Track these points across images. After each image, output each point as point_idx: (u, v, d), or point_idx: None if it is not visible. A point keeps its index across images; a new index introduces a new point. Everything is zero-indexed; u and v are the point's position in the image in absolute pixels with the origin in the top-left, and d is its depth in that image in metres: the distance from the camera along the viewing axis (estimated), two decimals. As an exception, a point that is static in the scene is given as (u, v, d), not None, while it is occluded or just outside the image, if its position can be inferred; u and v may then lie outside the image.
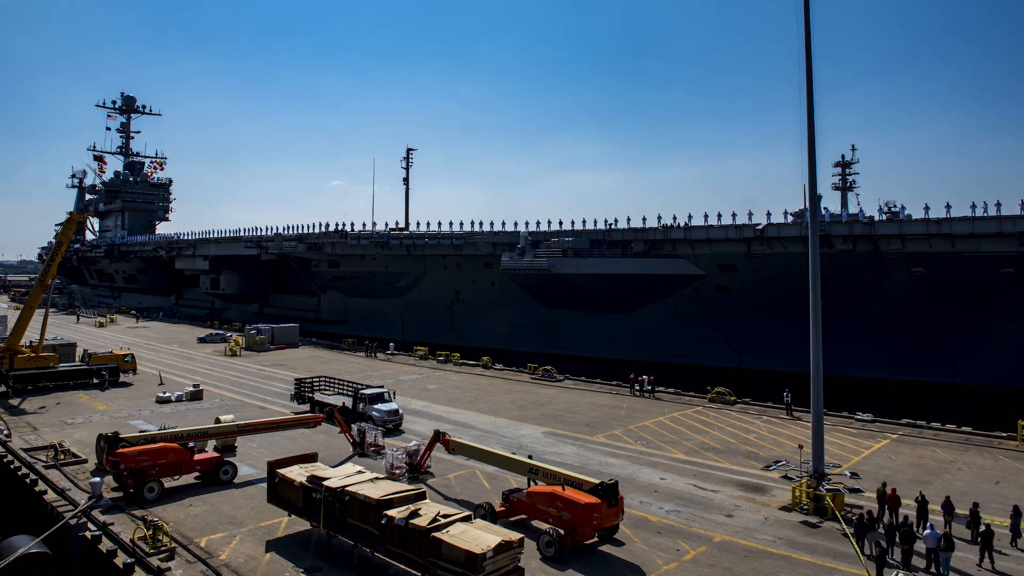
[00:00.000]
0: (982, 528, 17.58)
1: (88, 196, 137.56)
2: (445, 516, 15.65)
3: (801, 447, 24.66)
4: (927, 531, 17.03)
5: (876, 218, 59.65)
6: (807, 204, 23.82)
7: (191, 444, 23.75)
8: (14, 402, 36.46)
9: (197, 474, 23.37)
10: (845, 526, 18.98)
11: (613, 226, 53.74)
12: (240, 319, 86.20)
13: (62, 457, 25.27)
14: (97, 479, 21.49)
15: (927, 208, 41.41)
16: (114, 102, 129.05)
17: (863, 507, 20.61)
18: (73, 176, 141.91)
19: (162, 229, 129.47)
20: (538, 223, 58.05)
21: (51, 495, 21.57)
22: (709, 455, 27.12)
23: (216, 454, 24.63)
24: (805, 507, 20.74)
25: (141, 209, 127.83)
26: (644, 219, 51.89)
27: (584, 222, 55.70)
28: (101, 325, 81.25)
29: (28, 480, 22.90)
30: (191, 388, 38.41)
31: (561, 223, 57.14)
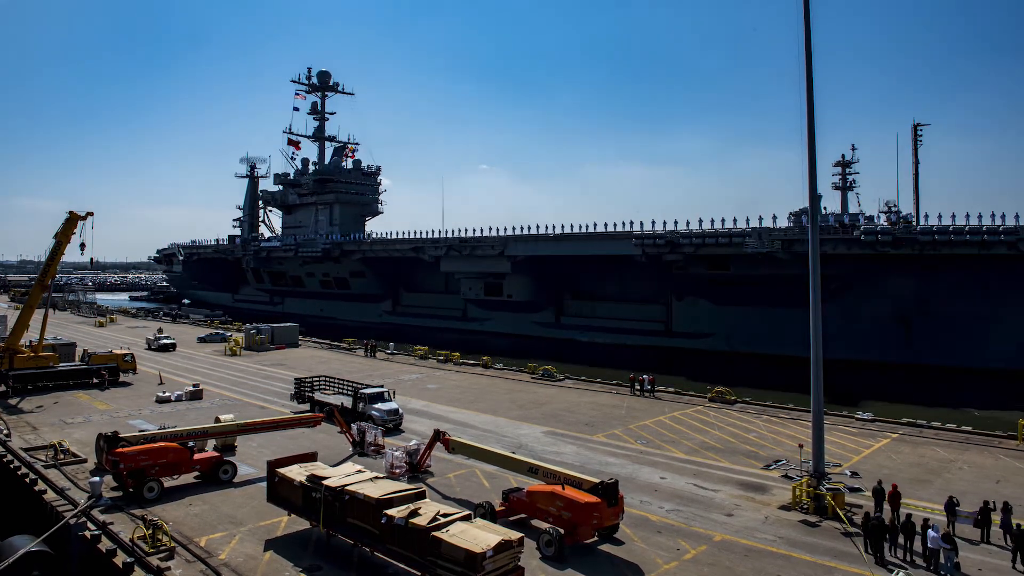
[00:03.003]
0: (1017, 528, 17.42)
1: (269, 187, 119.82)
2: (445, 515, 15.63)
3: (801, 446, 24.63)
4: (929, 531, 16.97)
5: (876, 218, 59.72)
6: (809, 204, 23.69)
7: (191, 443, 23.72)
8: (13, 401, 36.43)
9: (197, 474, 23.32)
10: (849, 526, 18.96)
11: None
12: (522, 331, 73.79)
13: (62, 457, 25.24)
14: (97, 479, 21.47)
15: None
16: (309, 78, 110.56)
17: (863, 506, 20.63)
18: (252, 168, 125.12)
19: (370, 226, 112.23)
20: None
21: (51, 495, 21.53)
22: (709, 454, 27.09)
23: (216, 453, 24.61)
24: (805, 506, 20.71)
25: (353, 202, 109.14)
26: None
27: None
28: (101, 325, 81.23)
29: (28, 480, 22.87)
30: (191, 388, 38.39)
31: None
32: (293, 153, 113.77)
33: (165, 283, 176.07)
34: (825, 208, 72.45)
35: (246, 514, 20.32)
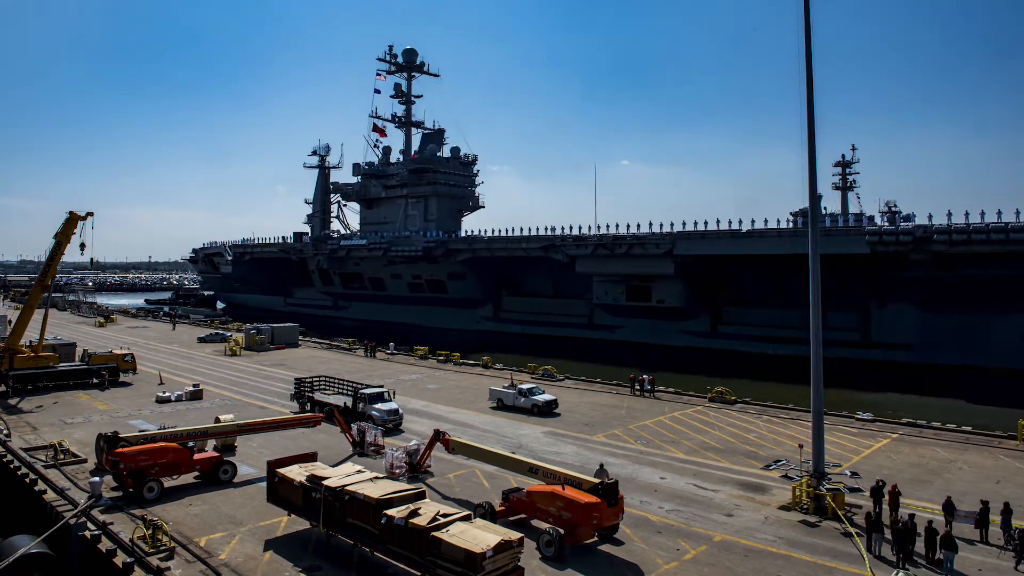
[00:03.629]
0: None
1: (340, 179, 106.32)
2: (445, 515, 15.63)
3: (801, 446, 24.63)
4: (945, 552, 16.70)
5: (876, 218, 59.77)
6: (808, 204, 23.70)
7: (191, 444, 23.73)
8: (13, 402, 36.42)
9: (197, 474, 23.33)
10: (849, 526, 18.96)
11: None
12: (666, 340, 64.31)
13: (62, 457, 25.23)
14: (97, 479, 21.47)
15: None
16: (394, 56, 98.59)
17: (863, 506, 20.62)
18: (323, 158, 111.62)
19: (466, 223, 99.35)
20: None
21: (51, 495, 21.53)
22: (709, 455, 27.09)
23: (216, 454, 24.61)
24: (805, 506, 20.72)
25: (451, 194, 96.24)
26: None
27: None
28: (101, 325, 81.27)
29: (28, 480, 22.87)
30: (191, 388, 38.39)
31: None
32: (377, 140, 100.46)
33: (195, 284, 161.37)
34: (825, 208, 72.56)
35: (246, 514, 20.31)
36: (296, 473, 19.11)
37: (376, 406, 31.42)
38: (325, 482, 17.79)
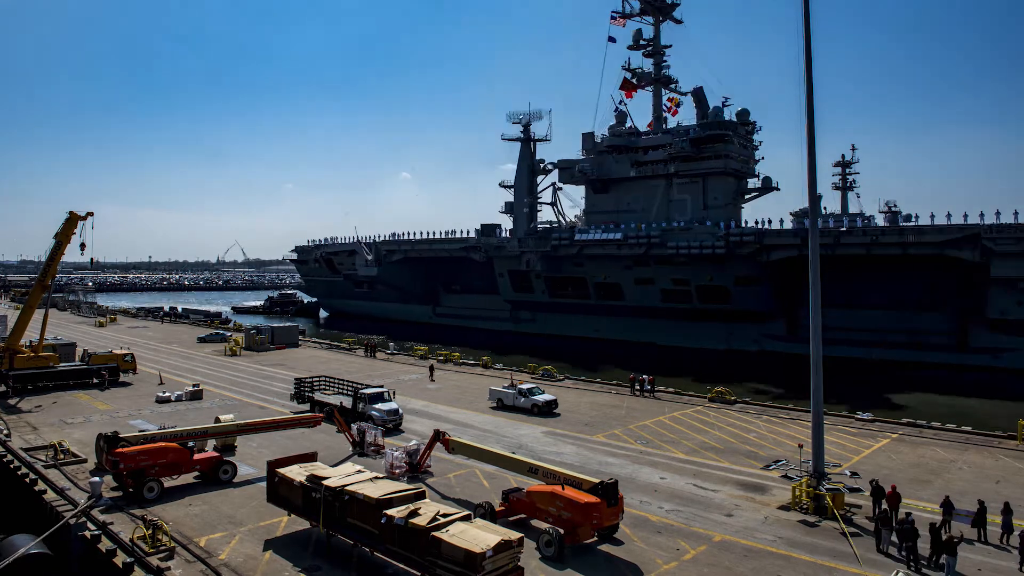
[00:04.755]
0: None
1: (575, 157, 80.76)
2: (445, 515, 15.63)
3: (801, 446, 24.63)
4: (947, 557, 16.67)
5: (876, 218, 59.85)
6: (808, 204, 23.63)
7: (191, 444, 23.75)
8: (13, 401, 36.45)
9: (197, 474, 23.35)
10: (847, 527, 18.99)
11: None
12: None
13: (62, 457, 25.26)
14: (97, 479, 21.49)
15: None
16: None
17: (863, 506, 20.64)
18: (526, 127, 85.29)
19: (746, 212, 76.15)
20: None
21: (51, 495, 21.54)
22: (709, 455, 27.10)
23: (216, 454, 24.61)
24: (805, 506, 20.73)
25: (734, 172, 72.75)
26: None
27: None
28: (101, 325, 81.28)
29: (28, 480, 22.88)
30: (191, 388, 38.41)
31: None
32: (621, 102, 78.21)
33: (292, 288, 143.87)
34: (825, 208, 72.61)
35: (246, 514, 20.32)
36: (296, 473, 19.12)
37: (376, 406, 31.43)
38: (325, 482, 17.79)
